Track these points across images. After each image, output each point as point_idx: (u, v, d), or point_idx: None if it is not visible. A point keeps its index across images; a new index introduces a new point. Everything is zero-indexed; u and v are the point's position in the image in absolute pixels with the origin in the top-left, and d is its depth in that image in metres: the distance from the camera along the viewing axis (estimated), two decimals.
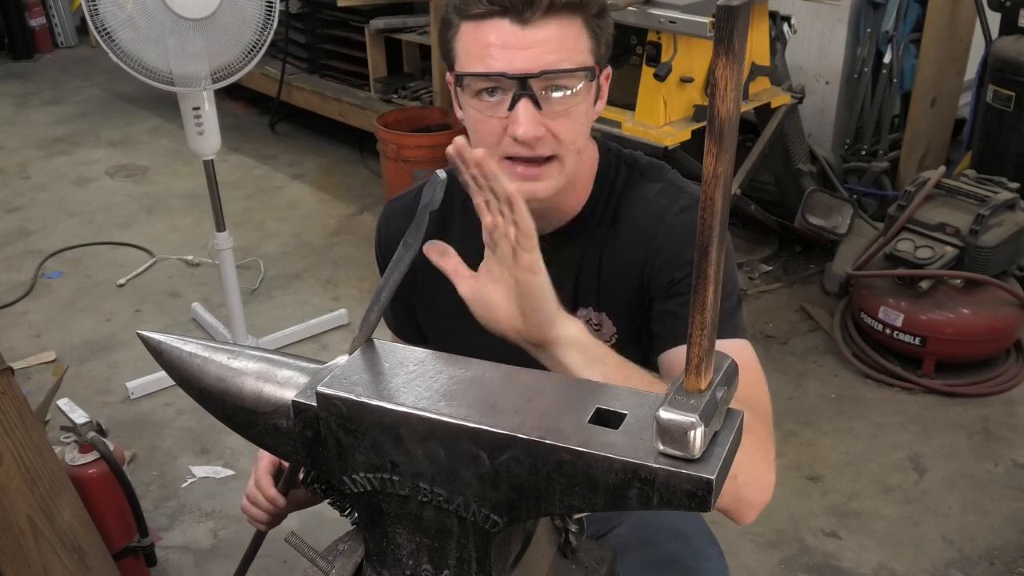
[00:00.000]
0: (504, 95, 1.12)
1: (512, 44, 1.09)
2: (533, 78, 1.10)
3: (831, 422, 2.79)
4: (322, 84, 4.77)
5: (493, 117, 1.13)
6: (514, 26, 1.09)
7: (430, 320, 1.41)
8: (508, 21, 1.09)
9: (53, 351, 3.21)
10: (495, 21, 1.10)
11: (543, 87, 1.11)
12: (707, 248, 0.67)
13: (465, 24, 1.13)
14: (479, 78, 1.12)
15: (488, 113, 1.13)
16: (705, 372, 0.71)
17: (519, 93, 1.10)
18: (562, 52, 1.11)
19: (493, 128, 1.14)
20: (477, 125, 1.16)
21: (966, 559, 2.30)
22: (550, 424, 0.75)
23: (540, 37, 1.09)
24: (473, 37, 1.12)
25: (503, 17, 1.09)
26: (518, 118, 1.10)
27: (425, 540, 0.85)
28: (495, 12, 1.10)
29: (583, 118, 1.16)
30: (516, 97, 1.10)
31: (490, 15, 1.10)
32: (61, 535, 1.86)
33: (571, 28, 1.12)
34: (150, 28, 2.47)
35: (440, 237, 1.32)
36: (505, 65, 1.10)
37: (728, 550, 1.31)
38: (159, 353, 0.97)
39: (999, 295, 2.88)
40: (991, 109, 3.27)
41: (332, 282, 3.65)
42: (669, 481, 0.70)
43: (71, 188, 4.56)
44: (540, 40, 1.09)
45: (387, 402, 0.80)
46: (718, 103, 0.62)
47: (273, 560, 2.18)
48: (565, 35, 1.11)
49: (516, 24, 1.09)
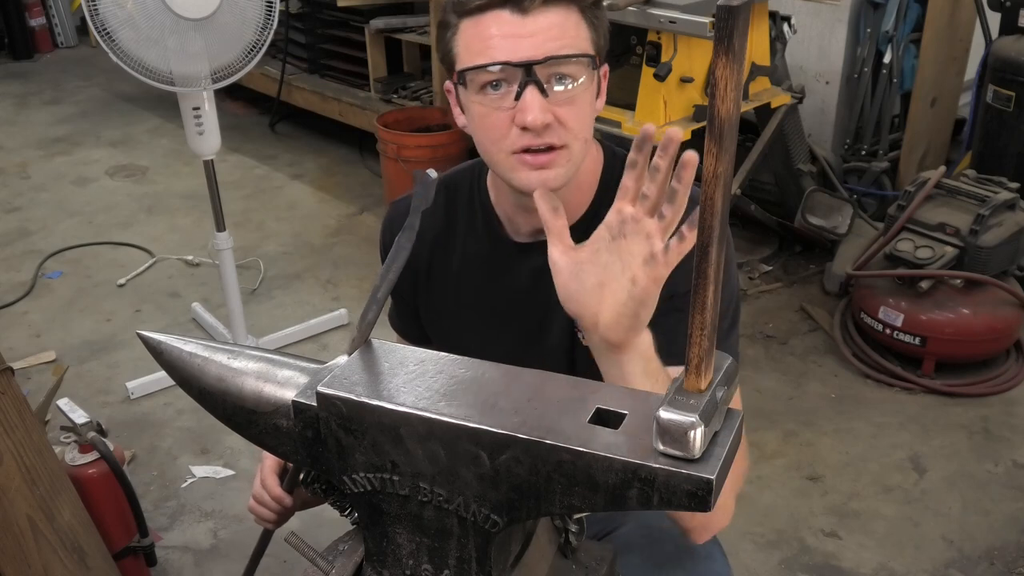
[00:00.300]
0: (509, 87, 1.11)
1: (514, 33, 1.09)
2: (538, 64, 1.09)
3: (831, 422, 2.79)
4: (322, 84, 4.77)
5: (499, 110, 1.12)
6: (514, 16, 1.10)
7: (432, 320, 1.40)
8: (508, 12, 1.10)
9: (53, 351, 3.21)
10: (495, 13, 1.10)
11: (548, 75, 1.11)
12: (707, 248, 0.67)
13: (465, 21, 1.13)
14: (483, 71, 1.11)
15: (494, 106, 1.13)
16: (705, 372, 0.71)
17: (525, 80, 1.09)
18: (564, 39, 1.11)
19: (499, 122, 1.13)
20: (482, 121, 1.15)
21: (966, 559, 2.29)
22: (550, 424, 0.75)
23: (541, 25, 1.10)
24: (474, 32, 1.12)
25: (503, 8, 1.10)
26: (525, 105, 1.09)
27: (425, 540, 0.85)
28: (495, 4, 1.10)
29: (588, 107, 1.16)
30: (522, 85, 1.10)
31: (490, 7, 1.10)
32: (61, 535, 1.86)
33: (570, 17, 1.12)
34: (150, 28, 2.47)
35: (445, 236, 1.34)
36: (509, 54, 1.09)
37: (728, 550, 1.31)
38: (159, 353, 0.97)
39: (999, 295, 2.88)
40: (991, 109, 3.27)
41: (332, 282, 3.64)
42: (669, 481, 0.70)
43: (71, 188, 4.55)
44: (542, 28, 1.10)
45: (387, 402, 0.80)
46: (718, 103, 0.62)
47: (273, 560, 2.16)
48: (565, 23, 1.11)
49: (516, 14, 1.10)
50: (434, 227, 1.33)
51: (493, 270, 1.31)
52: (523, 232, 1.28)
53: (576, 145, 1.14)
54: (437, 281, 1.36)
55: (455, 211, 1.33)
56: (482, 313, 1.33)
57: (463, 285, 1.34)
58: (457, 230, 1.33)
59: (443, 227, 1.34)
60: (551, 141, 1.12)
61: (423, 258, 1.35)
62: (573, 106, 1.12)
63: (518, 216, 1.27)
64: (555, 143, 1.12)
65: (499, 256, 1.30)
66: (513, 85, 1.11)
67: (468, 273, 1.33)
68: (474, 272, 1.32)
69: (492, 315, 1.33)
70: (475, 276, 1.32)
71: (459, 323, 1.34)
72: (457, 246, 1.33)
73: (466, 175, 1.35)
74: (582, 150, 1.16)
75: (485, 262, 1.31)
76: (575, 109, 1.13)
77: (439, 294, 1.37)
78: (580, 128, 1.14)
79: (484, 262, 1.31)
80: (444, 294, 1.36)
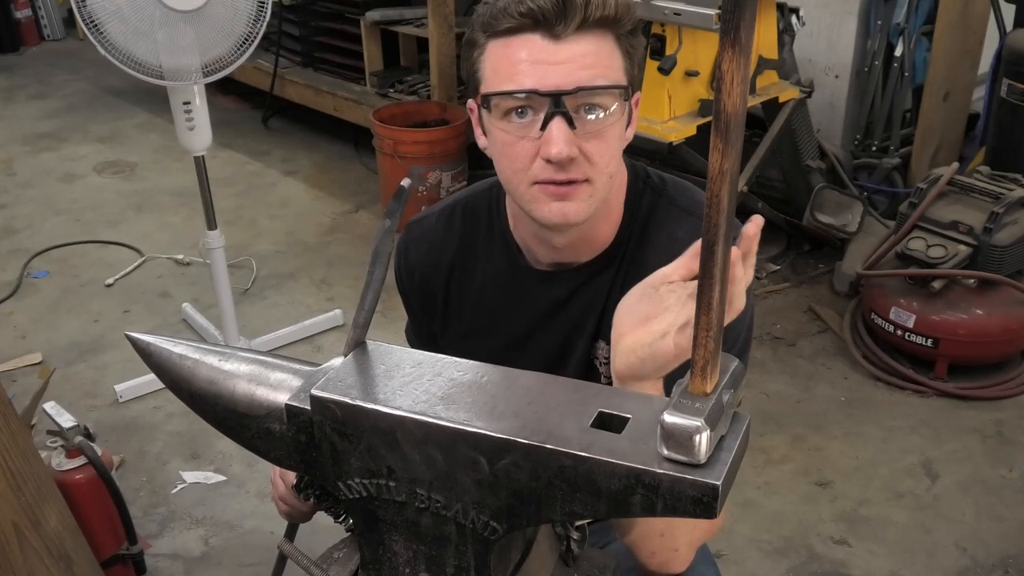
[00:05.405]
0: (536, 115, 1.08)
1: (544, 60, 1.06)
2: (567, 95, 1.06)
3: (840, 426, 2.78)
4: (316, 78, 4.77)
5: (524, 139, 1.10)
6: (546, 41, 1.06)
7: (449, 344, 1.39)
8: (539, 36, 1.06)
9: (39, 353, 3.20)
10: (525, 36, 1.07)
11: (577, 106, 1.08)
12: (713, 246, 0.66)
13: (493, 42, 1.10)
14: (509, 97, 1.08)
15: (518, 135, 1.10)
16: (711, 375, 0.70)
17: (552, 111, 1.07)
18: (596, 68, 1.07)
19: (523, 151, 1.10)
20: (505, 149, 1.12)
21: (980, 567, 2.28)
22: (551, 428, 0.75)
23: (573, 53, 1.07)
24: (502, 55, 1.09)
25: (534, 32, 1.07)
26: (551, 137, 1.07)
27: (422, 548, 0.85)
28: (526, 26, 1.06)
29: (616, 141, 1.13)
30: (549, 116, 1.07)
31: (521, 30, 1.07)
32: (47, 542, 1.85)
33: (604, 44, 1.09)
34: (139, 20, 2.46)
35: (463, 261, 1.34)
36: (537, 82, 1.06)
37: (734, 557, 1.26)
38: (148, 355, 0.96)
39: (1014, 295, 2.87)
40: (1005, 104, 3.27)
41: (326, 282, 3.64)
42: (674, 487, 0.69)
43: (58, 185, 4.55)
44: (573, 56, 1.06)
45: (383, 406, 0.79)
46: (724, 97, 0.62)
47: (265, 568, 2.17)
48: (599, 51, 1.08)
49: (548, 39, 1.06)
50: (451, 252, 1.33)
51: (513, 297, 1.30)
52: (543, 262, 1.27)
53: (601, 180, 1.12)
54: (454, 306, 1.36)
55: (474, 236, 1.32)
56: (500, 339, 1.32)
57: (482, 311, 1.33)
58: (476, 255, 1.32)
59: (461, 252, 1.33)
60: (574, 176, 1.10)
61: (440, 282, 1.34)
62: (601, 140, 1.10)
63: (538, 247, 1.25)
64: (578, 178, 1.10)
65: (519, 283, 1.30)
66: (539, 114, 1.08)
67: (487, 299, 1.33)
68: (493, 298, 1.32)
69: (511, 341, 1.32)
70: (494, 302, 1.32)
71: (476, 348, 1.32)
72: (476, 272, 1.32)
73: (483, 198, 1.33)
74: (606, 186, 1.14)
75: (505, 289, 1.31)
76: (602, 143, 1.10)
77: (456, 319, 1.36)
78: (606, 163, 1.12)
79: (504, 289, 1.31)
80: (461, 319, 1.36)
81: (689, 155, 3.03)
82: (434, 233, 1.33)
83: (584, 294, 1.25)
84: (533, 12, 1.05)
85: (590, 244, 1.22)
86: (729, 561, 2.25)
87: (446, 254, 1.32)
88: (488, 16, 1.09)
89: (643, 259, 1.21)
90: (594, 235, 1.21)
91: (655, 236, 1.23)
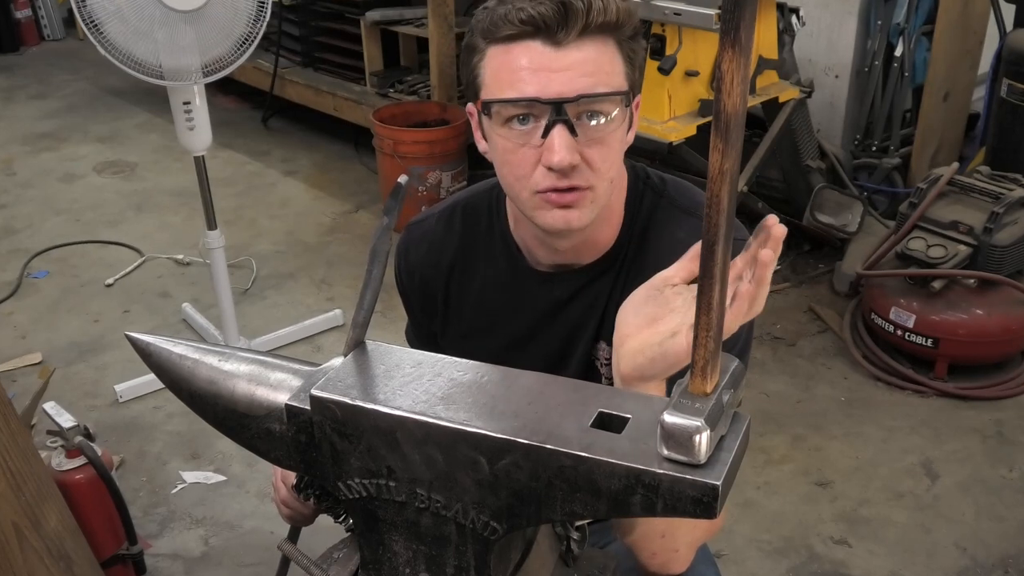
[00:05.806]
0: (537, 122, 1.08)
1: (545, 67, 1.05)
2: (569, 103, 1.06)
3: (840, 426, 2.78)
4: (316, 78, 4.76)
5: (525, 146, 1.09)
6: (547, 48, 1.05)
7: (450, 345, 1.39)
8: (540, 43, 1.06)
9: (39, 353, 3.19)
10: (526, 43, 1.06)
11: (578, 113, 1.07)
12: (713, 247, 0.66)
13: (493, 48, 1.09)
14: (510, 104, 1.07)
15: (519, 142, 1.09)
16: (711, 375, 0.70)
17: (554, 119, 1.06)
18: (598, 75, 1.07)
19: (524, 159, 1.10)
20: (507, 155, 1.11)
21: (980, 567, 2.28)
22: (551, 428, 0.74)
23: (575, 59, 1.06)
24: (502, 61, 1.08)
25: (535, 39, 1.06)
26: (553, 145, 1.06)
27: (422, 548, 0.85)
28: (527, 33, 1.05)
29: (618, 146, 1.13)
30: (551, 123, 1.06)
31: (522, 37, 1.06)
32: (47, 542, 1.85)
33: (606, 51, 1.08)
34: (139, 20, 2.46)
35: (464, 261, 1.34)
36: (539, 89, 1.06)
37: (734, 558, 1.26)
38: (148, 355, 0.96)
39: (1014, 295, 2.86)
40: (1005, 104, 3.26)
41: (326, 282, 3.63)
42: (674, 487, 0.69)
43: (58, 185, 4.54)
44: (575, 63, 1.06)
45: (383, 406, 0.79)
46: (724, 97, 0.62)
47: (266, 568, 2.20)
48: (600, 58, 1.07)
49: (549, 46, 1.05)
50: (451, 252, 1.32)
51: (513, 298, 1.30)
52: (543, 263, 1.27)
53: (602, 186, 1.12)
54: (455, 306, 1.35)
55: (474, 237, 1.32)
56: (500, 339, 1.32)
57: (482, 311, 1.33)
58: (476, 255, 1.32)
59: (461, 253, 1.33)
60: (576, 183, 1.10)
61: (440, 283, 1.34)
62: (603, 146, 1.10)
63: (539, 248, 1.25)
64: (580, 185, 1.10)
65: (519, 284, 1.29)
66: (541, 121, 1.07)
67: (487, 299, 1.32)
68: (494, 298, 1.32)
69: (511, 342, 1.31)
70: (494, 302, 1.32)
71: (476, 348, 1.31)
72: (477, 273, 1.32)
73: (484, 199, 1.33)
74: (607, 191, 1.14)
75: (505, 289, 1.30)
76: (604, 149, 1.10)
77: (456, 319, 1.36)
78: (607, 169, 1.12)
79: (504, 289, 1.30)
80: (461, 319, 1.35)
81: (689, 155, 3.02)
82: (434, 234, 1.33)
83: (585, 295, 1.25)
84: (534, 19, 1.04)
85: (591, 246, 1.22)
86: (729, 561, 2.25)
87: (446, 255, 1.32)
88: (488, 22, 1.08)
89: (644, 260, 1.21)
90: (595, 238, 1.21)
91: (656, 237, 1.22)
